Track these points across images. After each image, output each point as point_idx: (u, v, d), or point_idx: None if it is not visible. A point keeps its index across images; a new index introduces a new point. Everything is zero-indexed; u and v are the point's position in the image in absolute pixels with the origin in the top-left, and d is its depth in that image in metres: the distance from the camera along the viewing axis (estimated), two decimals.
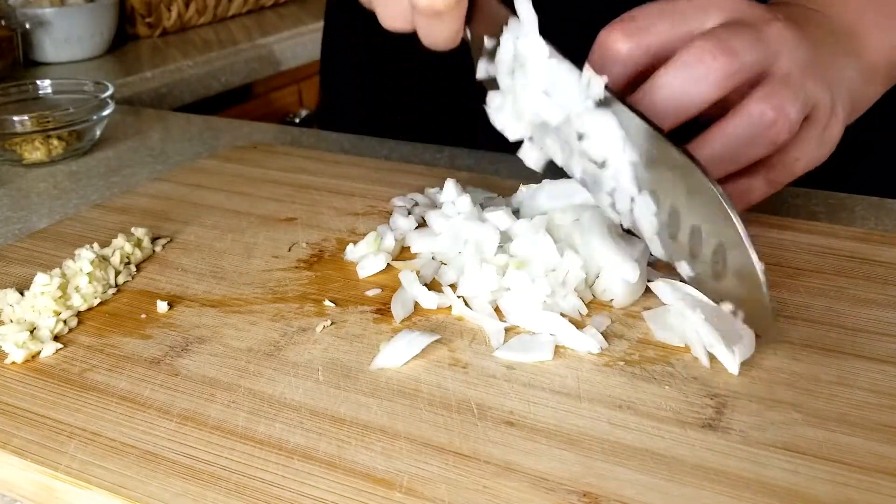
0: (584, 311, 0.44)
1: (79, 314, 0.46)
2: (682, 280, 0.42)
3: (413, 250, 0.52)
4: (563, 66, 0.43)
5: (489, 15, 0.47)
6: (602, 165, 0.42)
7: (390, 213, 0.57)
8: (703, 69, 0.42)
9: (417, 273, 0.48)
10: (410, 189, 0.61)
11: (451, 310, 0.45)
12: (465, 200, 0.52)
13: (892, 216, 0.59)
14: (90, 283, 0.47)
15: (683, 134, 0.44)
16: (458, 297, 0.46)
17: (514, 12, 0.45)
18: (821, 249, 0.50)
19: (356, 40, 0.85)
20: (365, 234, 0.53)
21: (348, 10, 0.85)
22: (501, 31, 0.46)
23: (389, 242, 0.51)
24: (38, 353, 0.43)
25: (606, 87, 0.41)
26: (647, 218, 0.41)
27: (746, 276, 0.37)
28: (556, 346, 0.42)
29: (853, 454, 0.34)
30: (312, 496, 0.32)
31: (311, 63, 1.48)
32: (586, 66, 0.42)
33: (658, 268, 0.47)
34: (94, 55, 1.26)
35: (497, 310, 0.45)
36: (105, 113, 0.77)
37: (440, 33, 0.46)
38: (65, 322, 0.45)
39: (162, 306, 0.46)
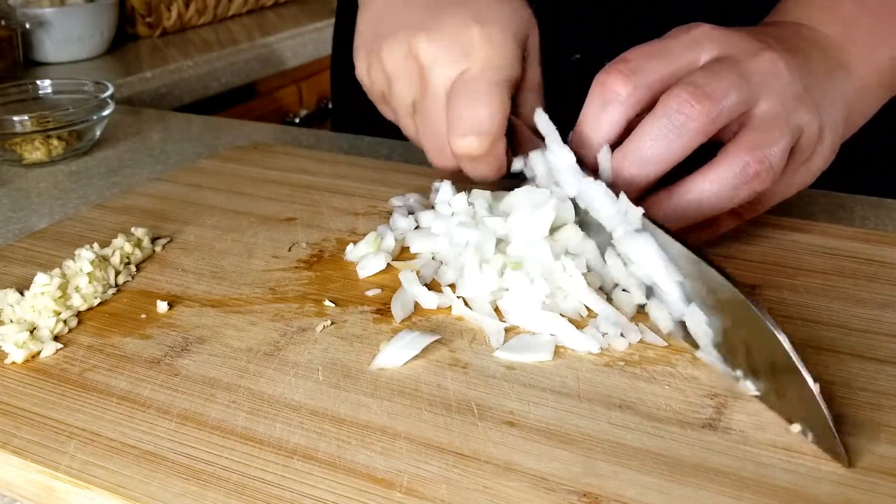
0: (585, 312, 0.44)
1: (79, 314, 0.46)
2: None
3: (413, 250, 0.52)
4: (597, 188, 0.44)
5: (526, 145, 0.49)
6: (652, 287, 0.43)
7: (390, 213, 0.57)
8: (681, 118, 0.43)
9: (417, 273, 0.48)
10: (410, 189, 0.61)
11: (451, 310, 0.45)
12: (460, 201, 0.52)
13: (892, 216, 0.59)
14: (90, 283, 0.47)
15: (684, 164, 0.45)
16: (458, 297, 0.46)
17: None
18: (820, 249, 0.50)
19: None
20: (365, 234, 0.53)
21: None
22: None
23: (389, 242, 0.52)
24: (38, 353, 0.43)
25: (644, 215, 0.42)
26: (701, 329, 0.40)
27: (805, 397, 0.34)
28: (556, 346, 0.42)
29: (853, 454, 0.34)
30: (312, 496, 0.32)
31: (311, 63, 1.48)
32: (622, 196, 0.43)
33: None
34: (94, 55, 1.26)
35: (497, 310, 0.45)
36: (105, 113, 0.77)
37: (482, 171, 0.50)
38: (65, 322, 0.45)
39: (162, 306, 0.46)
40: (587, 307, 0.44)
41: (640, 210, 0.42)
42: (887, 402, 0.37)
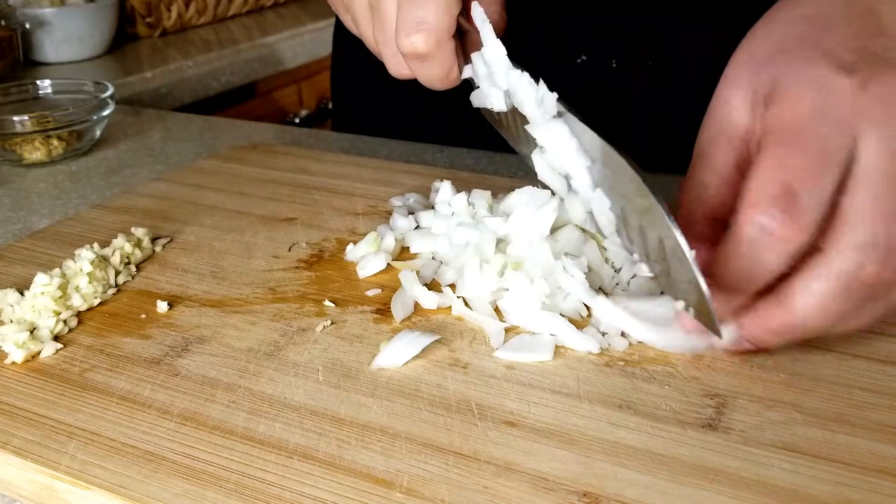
0: (585, 312, 0.44)
1: (79, 314, 0.46)
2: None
3: (413, 250, 0.52)
4: (521, 78, 0.43)
5: (475, 49, 0.48)
6: (566, 175, 0.43)
7: (390, 213, 0.57)
8: (864, 291, 0.36)
9: (417, 273, 0.48)
10: (410, 189, 0.61)
11: (451, 310, 0.45)
12: (460, 201, 0.52)
13: None
14: (90, 283, 0.47)
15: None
16: (458, 297, 0.46)
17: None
18: None
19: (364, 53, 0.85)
20: (365, 234, 0.53)
21: None
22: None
23: (389, 242, 0.52)
24: (38, 353, 0.43)
25: (559, 100, 0.42)
26: (604, 214, 0.42)
27: (686, 271, 0.35)
28: (557, 346, 0.42)
29: (853, 454, 0.34)
30: (312, 496, 0.32)
31: (311, 63, 1.48)
32: (541, 82, 0.42)
33: None
34: (94, 55, 1.26)
35: (497, 310, 0.45)
36: (105, 113, 0.77)
37: (431, 74, 0.47)
38: (65, 322, 0.45)
39: (162, 306, 0.46)
40: (587, 307, 0.44)
41: (554, 95, 0.42)
42: (887, 402, 0.37)
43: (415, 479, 0.33)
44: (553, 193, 0.47)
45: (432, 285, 0.48)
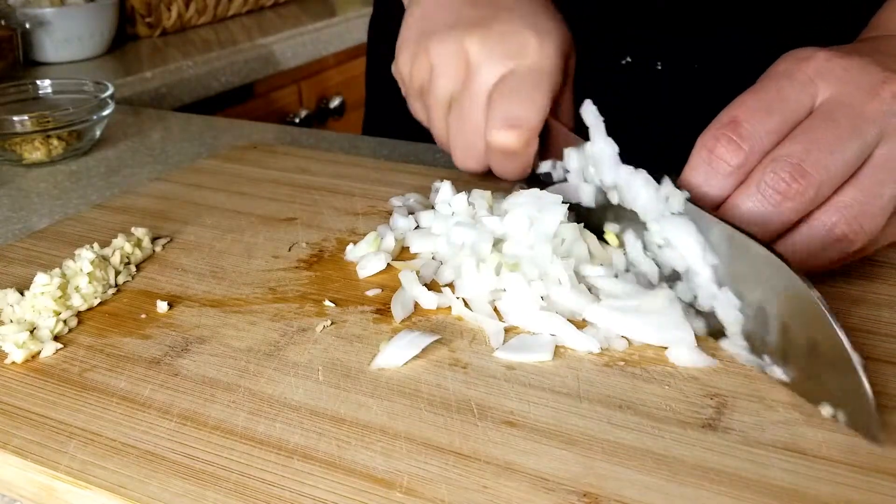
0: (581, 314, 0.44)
1: (79, 314, 0.46)
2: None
3: (413, 250, 0.52)
4: (638, 176, 0.44)
5: (558, 145, 0.50)
6: (684, 273, 0.42)
7: (390, 213, 0.57)
8: (777, 198, 0.40)
9: (417, 273, 0.48)
10: (410, 189, 0.61)
11: (450, 310, 0.45)
12: (460, 201, 0.52)
13: None
14: (90, 283, 0.47)
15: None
16: (458, 297, 0.46)
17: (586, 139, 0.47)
18: None
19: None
20: (365, 234, 0.53)
21: (394, 16, 0.86)
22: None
23: (389, 242, 0.52)
24: (38, 353, 0.43)
25: (688, 199, 0.42)
26: (731, 314, 0.40)
27: (845, 376, 0.34)
28: (556, 346, 0.42)
29: (853, 454, 0.34)
30: (312, 496, 0.32)
31: (311, 63, 1.48)
32: (666, 180, 0.43)
33: None
34: (94, 55, 1.26)
35: (497, 310, 0.45)
36: (105, 113, 0.77)
37: (513, 169, 0.50)
38: (65, 322, 0.45)
39: (162, 306, 0.46)
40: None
41: (685, 194, 0.42)
42: (888, 402, 0.37)
43: (415, 479, 0.33)
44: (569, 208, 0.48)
45: (432, 285, 0.48)
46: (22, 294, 0.47)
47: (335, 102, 1.53)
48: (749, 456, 0.34)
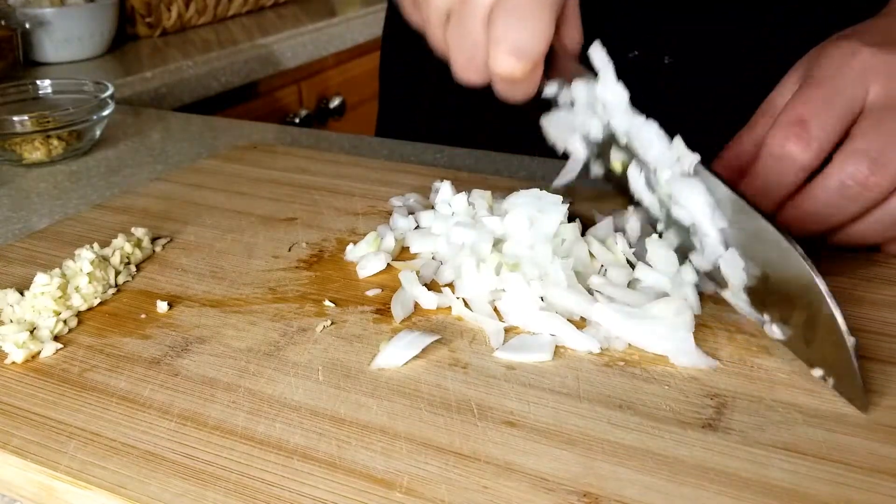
0: (581, 315, 0.44)
1: (79, 314, 0.46)
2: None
3: (413, 250, 0.52)
4: (649, 127, 0.45)
5: (563, 70, 0.49)
6: (692, 230, 0.44)
7: (390, 213, 0.57)
8: (857, 189, 0.44)
9: (417, 273, 0.48)
10: (410, 189, 0.61)
11: (450, 310, 0.45)
12: (460, 201, 0.52)
13: None
14: (90, 283, 0.47)
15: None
16: (458, 297, 0.46)
17: (588, 68, 0.47)
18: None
19: (415, 50, 0.85)
20: (365, 234, 0.53)
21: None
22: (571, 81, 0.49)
23: (389, 242, 0.52)
24: (38, 353, 0.43)
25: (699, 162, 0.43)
26: (735, 273, 0.42)
27: (836, 346, 0.37)
28: (557, 346, 0.42)
29: (853, 454, 0.34)
30: (312, 496, 0.32)
31: (311, 63, 1.48)
32: (678, 139, 0.44)
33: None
34: (94, 55, 1.26)
35: (497, 310, 0.45)
36: (105, 113, 0.77)
37: (517, 94, 0.49)
38: (65, 322, 0.45)
39: (162, 306, 0.46)
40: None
41: (696, 156, 0.43)
42: (887, 402, 0.37)
43: (415, 479, 0.33)
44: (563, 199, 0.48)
45: (432, 285, 0.48)
46: (22, 294, 0.47)
47: (335, 102, 1.53)
48: (749, 456, 0.34)
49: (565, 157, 0.51)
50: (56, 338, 0.44)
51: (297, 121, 1.45)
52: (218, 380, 0.40)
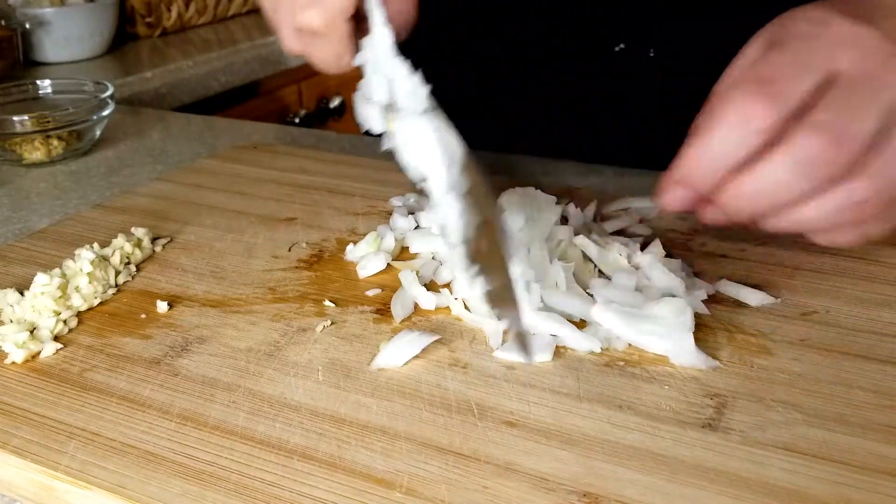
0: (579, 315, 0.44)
1: (79, 314, 0.46)
2: None
3: (413, 250, 0.52)
4: (401, 67, 0.42)
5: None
6: (423, 175, 0.42)
7: (390, 213, 0.57)
8: (813, 164, 0.39)
9: (417, 273, 0.48)
10: (410, 189, 0.61)
11: (450, 310, 0.45)
12: None
13: None
14: (90, 283, 0.47)
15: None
16: (458, 298, 0.46)
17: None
18: (820, 249, 0.50)
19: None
20: (365, 234, 0.53)
21: None
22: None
23: (389, 242, 0.52)
24: (38, 353, 0.43)
25: (431, 98, 0.41)
26: (454, 220, 0.40)
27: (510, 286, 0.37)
28: (557, 346, 0.42)
29: (853, 454, 0.34)
30: (312, 496, 0.32)
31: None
32: (414, 73, 0.42)
33: None
34: (94, 55, 1.26)
35: None
36: (105, 113, 0.77)
37: (322, 54, 0.46)
38: (65, 322, 0.45)
39: (162, 306, 0.46)
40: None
41: (426, 88, 0.41)
42: (888, 402, 0.37)
43: (415, 479, 0.33)
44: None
45: (432, 285, 0.48)
46: (22, 294, 0.47)
47: (335, 102, 1.53)
48: (749, 456, 0.34)
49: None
50: (56, 338, 0.44)
51: (297, 121, 1.45)
52: (218, 380, 0.40)
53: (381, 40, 0.43)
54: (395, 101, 0.43)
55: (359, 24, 0.46)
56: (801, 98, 0.41)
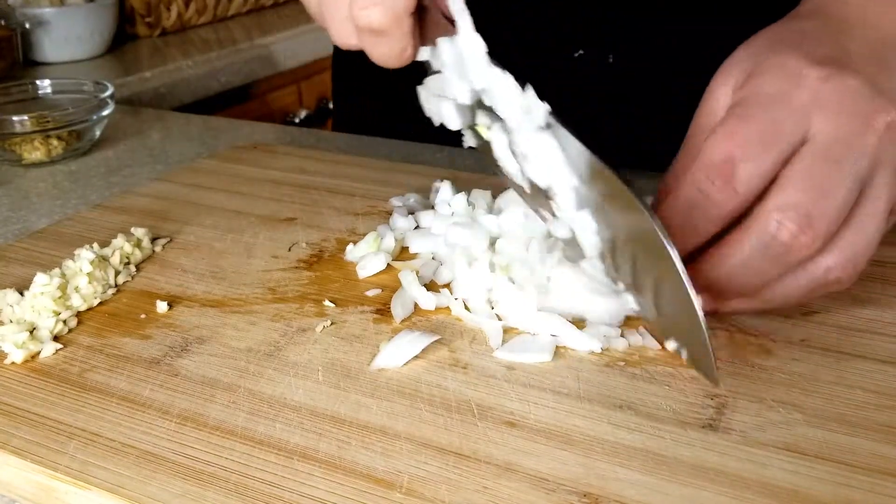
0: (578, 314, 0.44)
1: (78, 314, 0.46)
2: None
3: (413, 250, 0.52)
4: (506, 79, 0.41)
5: (438, 31, 0.45)
6: (548, 191, 0.41)
7: (390, 213, 0.57)
8: (783, 249, 0.38)
9: (417, 273, 0.48)
10: (410, 189, 0.61)
11: (450, 310, 0.45)
12: (460, 201, 0.52)
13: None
14: (90, 283, 0.47)
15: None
16: (457, 298, 0.45)
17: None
18: None
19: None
20: (365, 234, 0.53)
21: None
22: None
23: (389, 242, 0.51)
24: (38, 353, 0.43)
25: (550, 113, 0.40)
26: (588, 237, 0.40)
27: (686, 315, 0.35)
28: (557, 347, 0.42)
29: (853, 454, 0.34)
30: (312, 496, 0.32)
31: (311, 63, 1.48)
32: (529, 88, 0.40)
33: None
34: (94, 55, 1.26)
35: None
36: (105, 113, 0.76)
37: (385, 52, 0.45)
38: (64, 322, 0.45)
39: (162, 306, 0.46)
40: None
41: (546, 106, 0.40)
42: (888, 402, 0.37)
43: (415, 479, 0.33)
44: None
45: (432, 285, 0.48)
46: (21, 294, 0.47)
47: None
48: (749, 456, 0.34)
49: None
50: (56, 338, 0.44)
51: (297, 121, 1.45)
52: (218, 380, 0.40)
53: (471, 47, 0.42)
54: (492, 107, 0.42)
55: (420, 15, 0.44)
56: (766, 177, 0.39)
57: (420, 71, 0.47)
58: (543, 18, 0.53)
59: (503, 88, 0.41)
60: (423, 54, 0.46)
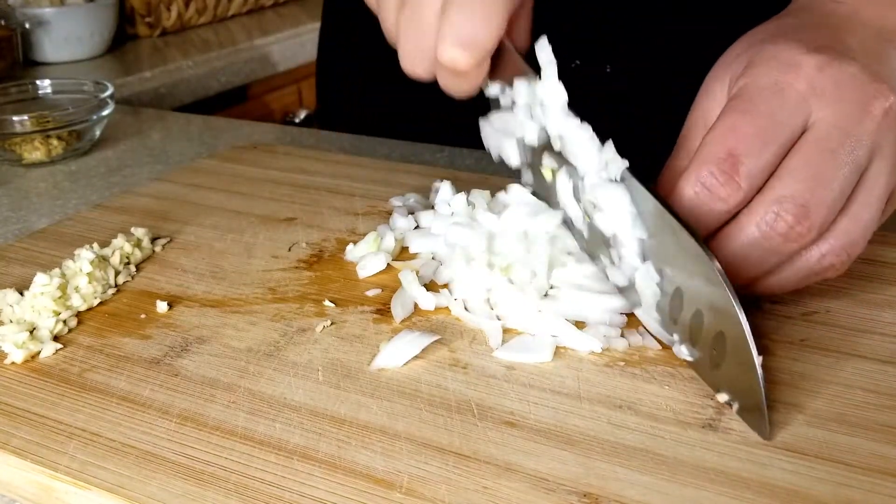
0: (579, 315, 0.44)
1: (78, 314, 0.46)
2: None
3: (413, 250, 0.52)
4: (583, 130, 0.42)
5: (510, 70, 0.47)
6: (611, 240, 0.42)
7: (390, 213, 0.57)
8: (778, 240, 0.39)
9: (417, 273, 0.48)
10: (410, 189, 0.61)
11: (450, 310, 0.45)
12: (460, 201, 0.52)
13: (892, 216, 0.59)
14: (90, 283, 0.47)
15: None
16: (457, 298, 0.45)
17: (535, 70, 0.45)
18: None
19: (354, 40, 0.85)
20: (365, 234, 0.53)
21: (346, 10, 0.85)
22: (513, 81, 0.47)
23: (389, 242, 0.51)
24: (38, 353, 0.43)
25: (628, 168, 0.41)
26: (649, 287, 0.40)
27: (744, 371, 0.35)
28: (557, 347, 0.42)
29: (853, 454, 0.34)
30: (312, 496, 0.32)
31: (311, 63, 1.47)
32: (609, 144, 0.41)
33: None
34: (94, 55, 1.26)
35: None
36: (105, 113, 0.77)
37: (461, 88, 0.47)
38: (64, 322, 0.45)
39: (162, 306, 0.46)
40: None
41: (625, 162, 0.40)
42: (888, 402, 0.37)
43: (415, 480, 0.33)
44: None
45: (432, 285, 0.48)
46: (21, 294, 0.47)
47: None
48: (749, 456, 0.34)
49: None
50: (56, 338, 0.44)
51: (296, 121, 1.45)
52: (218, 380, 0.40)
53: (552, 95, 0.44)
54: (560, 152, 0.44)
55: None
56: (768, 170, 0.39)
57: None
58: (538, 29, 0.53)
59: (580, 139, 0.42)
60: (493, 90, 0.47)
